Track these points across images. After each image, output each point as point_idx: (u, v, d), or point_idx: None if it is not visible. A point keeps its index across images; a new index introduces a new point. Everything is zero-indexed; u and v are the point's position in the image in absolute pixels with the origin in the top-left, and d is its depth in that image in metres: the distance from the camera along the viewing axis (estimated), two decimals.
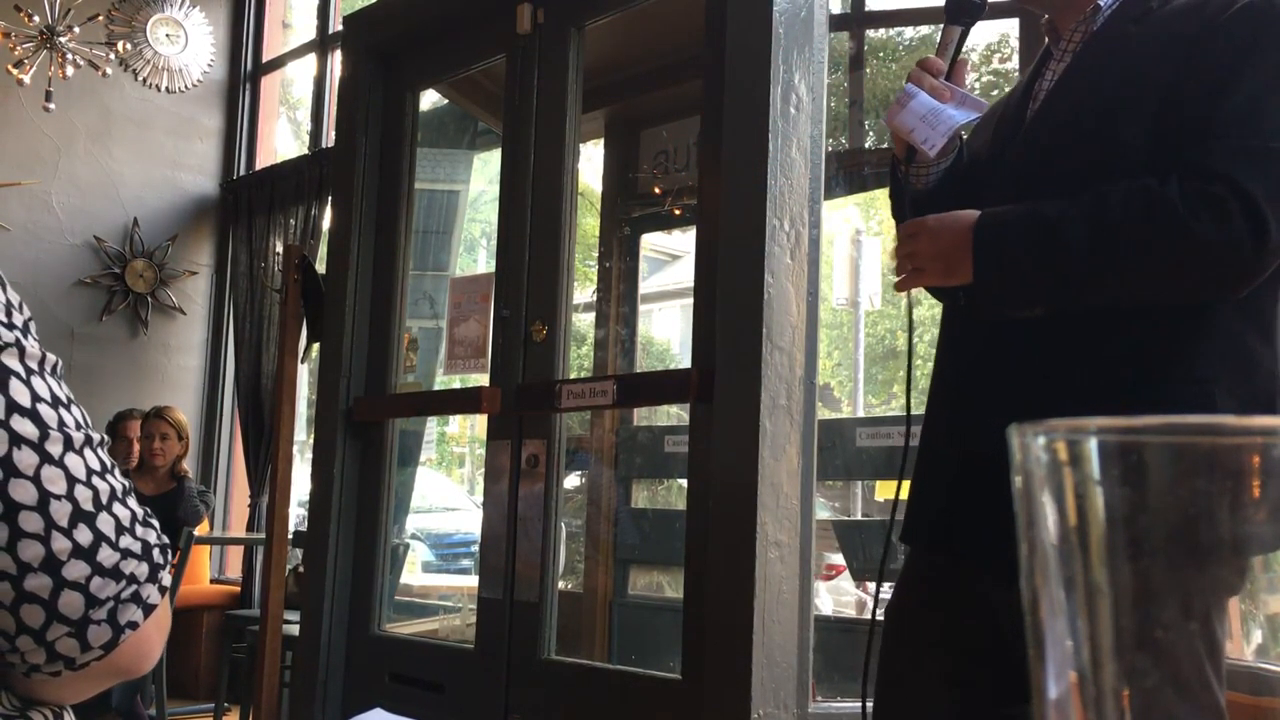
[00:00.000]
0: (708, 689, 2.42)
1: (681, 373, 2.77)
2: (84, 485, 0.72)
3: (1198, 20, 1.37)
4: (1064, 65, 1.52)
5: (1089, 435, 0.28)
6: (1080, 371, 1.39)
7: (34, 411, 0.71)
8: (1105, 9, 1.50)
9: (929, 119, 1.50)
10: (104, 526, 0.72)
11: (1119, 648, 0.28)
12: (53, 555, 0.70)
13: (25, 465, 0.69)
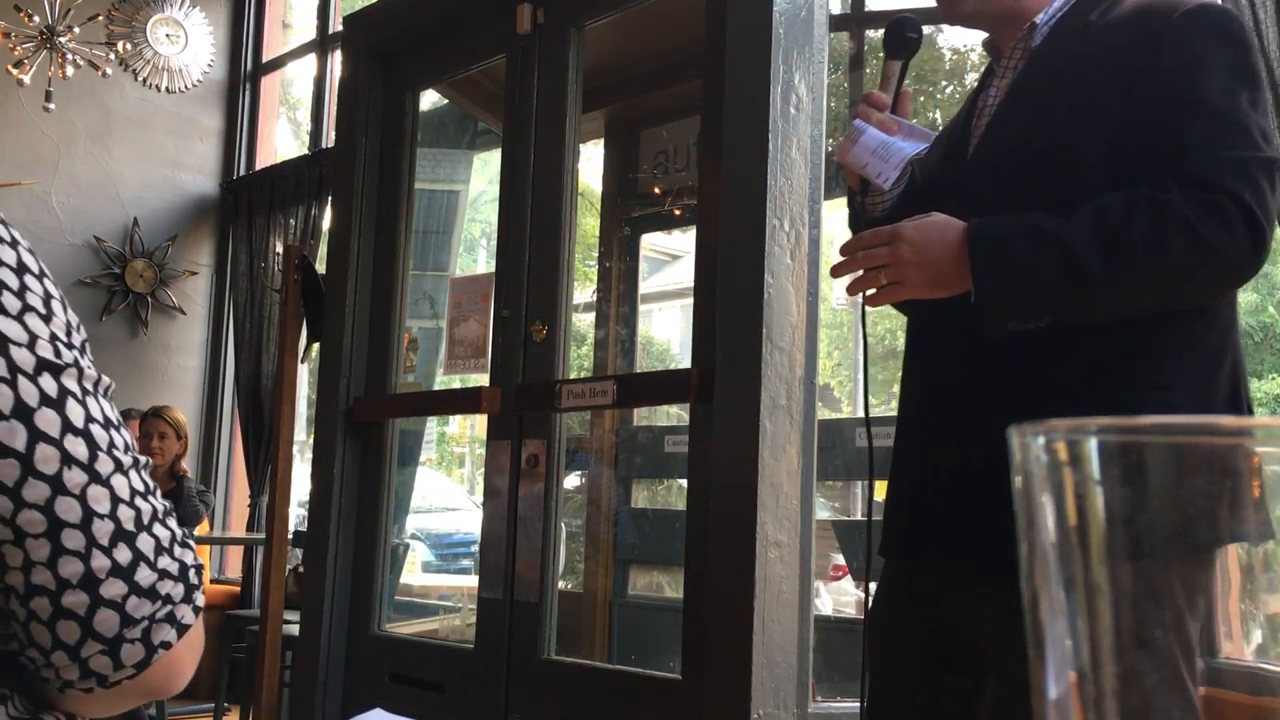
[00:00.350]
0: (708, 689, 2.42)
1: (681, 373, 2.77)
2: (127, 505, 0.73)
3: (1143, 31, 1.39)
4: (1007, 82, 1.54)
5: (1089, 435, 0.28)
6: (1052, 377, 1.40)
7: (87, 432, 0.72)
8: (1043, 25, 1.52)
9: (880, 153, 1.53)
10: (144, 546, 0.73)
11: (1119, 648, 0.28)
12: (91, 573, 0.71)
13: (73, 484, 0.71)
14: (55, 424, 0.71)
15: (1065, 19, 1.50)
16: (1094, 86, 1.40)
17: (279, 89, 6.31)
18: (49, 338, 0.73)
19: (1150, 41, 1.37)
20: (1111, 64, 1.40)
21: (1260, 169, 1.31)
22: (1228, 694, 0.29)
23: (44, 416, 0.71)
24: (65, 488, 0.70)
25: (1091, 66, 1.42)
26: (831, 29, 2.86)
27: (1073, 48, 1.46)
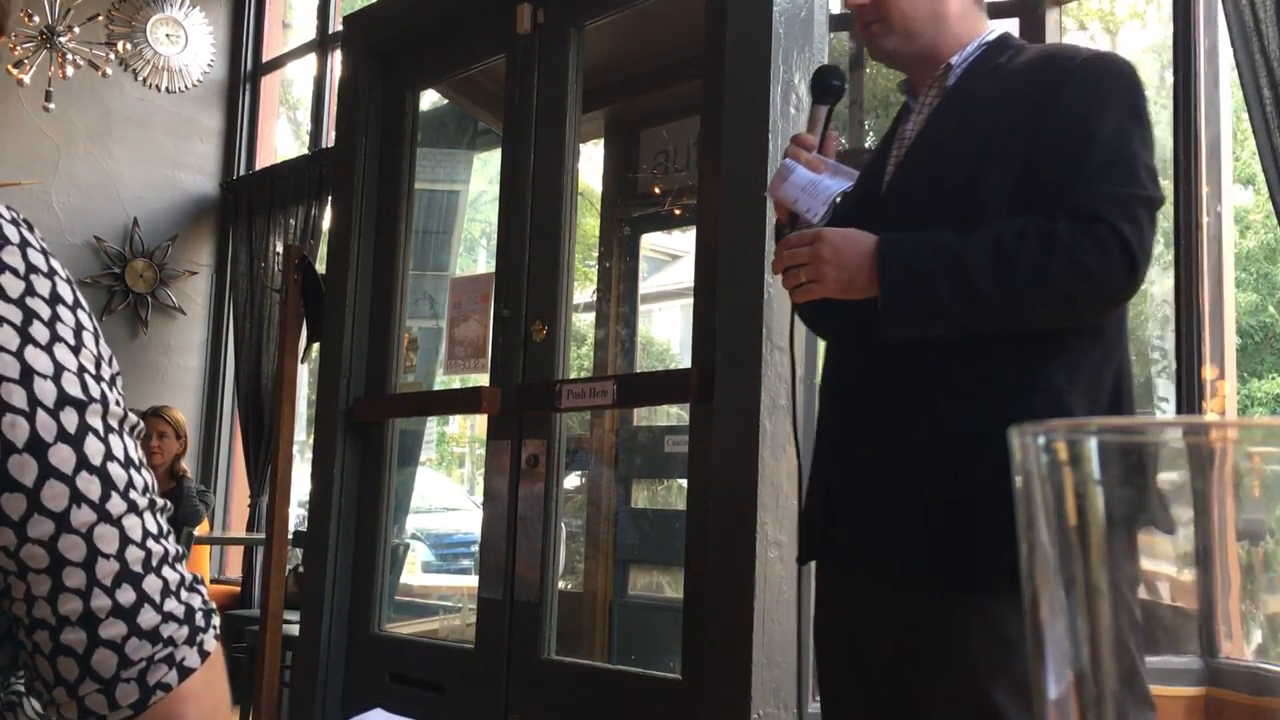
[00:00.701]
0: (708, 689, 2.42)
1: (681, 373, 2.77)
2: (137, 546, 0.72)
3: (1049, 74, 1.54)
4: (922, 119, 1.67)
5: (1089, 435, 0.28)
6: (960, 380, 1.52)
7: (103, 470, 0.71)
8: (957, 66, 1.66)
9: (809, 190, 1.65)
10: (150, 589, 0.72)
11: (1119, 648, 0.28)
12: (90, 612, 0.70)
13: (80, 522, 0.70)
14: (69, 461, 0.70)
15: (977, 61, 1.65)
16: (1001, 126, 1.54)
17: (279, 89, 6.31)
18: (76, 370, 0.72)
19: (1053, 84, 1.52)
20: (1018, 105, 1.54)
21: (1141, 205, 1.45)
22: (1228, 694, 0.29)
23: (59, 453, 0.69)
24: (70, 525, 0.69)
25: (999, 108, 1.56)
26: (831, 29, 2.86)
27: (983, 89, 1.60)
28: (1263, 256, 8.87)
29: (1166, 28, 2.71)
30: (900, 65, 1.74)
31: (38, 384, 0.69)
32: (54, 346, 0.71)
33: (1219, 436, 0.28)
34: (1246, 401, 8.03)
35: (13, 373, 0.68)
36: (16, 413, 0.68)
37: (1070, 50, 1.63)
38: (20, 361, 0.69)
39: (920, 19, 1.66)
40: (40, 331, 0.70)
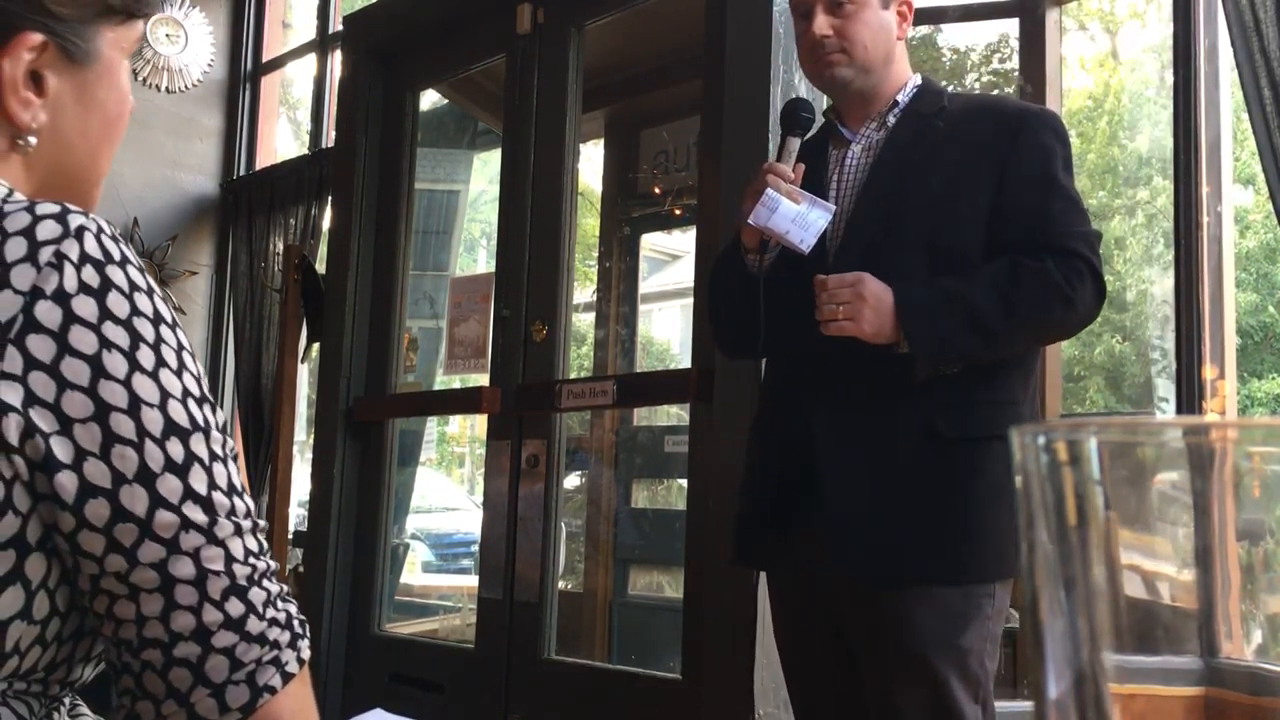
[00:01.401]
0: (708, 689, 2.42)
1: (681, 373, 2.77)
2: (241, 564, 0.74)
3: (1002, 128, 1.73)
4: (870, 151, 1.80)
5: (1089, 435, 0.28)
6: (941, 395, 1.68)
7: (208, 499, 0.73)
8: (900, 105, 1.80)
9: (799, 222, 1.72)
10: (255, 599, 0.74)
11: (1119, 648, 0.28)
12: (203, 626, 0.72)
13: (189, 546, 0.71)
14: (177, 491, 0.71)
15: (916, 103, 1.80)
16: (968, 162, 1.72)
17: (279, 89, 6.31)
18: (180, 395, 0.72)
19: (1011, 137, 1.71)
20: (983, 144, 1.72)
21: (1095, 240, 1.69)
22: (1228, 694, 0.29)
23: (166, 483, 0.70)
24: (180, 548, 0.71)
25: (961, 146, 1.73)
26: None
27: (935, 129, 1.75)
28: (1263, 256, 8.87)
29: (1166, 28, 2.71)
30: (847, 97, 1.83)
31: (145, 413, 0.70)
32: (159, 372, 0.71)
33: (1219, 436, 0.28)
34: (1246, 401, 8.03)
35: (121, 402, 0.69)
36: (126, 444, 0.69)
37: (1014, 104, 1.91)
38: (129, 390, 0.69)
39: (877, 57, 1.79)
40: (146, 356, 0.71)
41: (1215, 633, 0.28)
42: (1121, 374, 7.61)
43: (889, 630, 1.64)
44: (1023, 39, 2.94)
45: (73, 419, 0.68)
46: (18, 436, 0.66)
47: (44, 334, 0.67)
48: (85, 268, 0.69)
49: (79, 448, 0.68)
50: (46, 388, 0.67)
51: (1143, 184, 7.86)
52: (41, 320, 0.67)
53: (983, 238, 1.69)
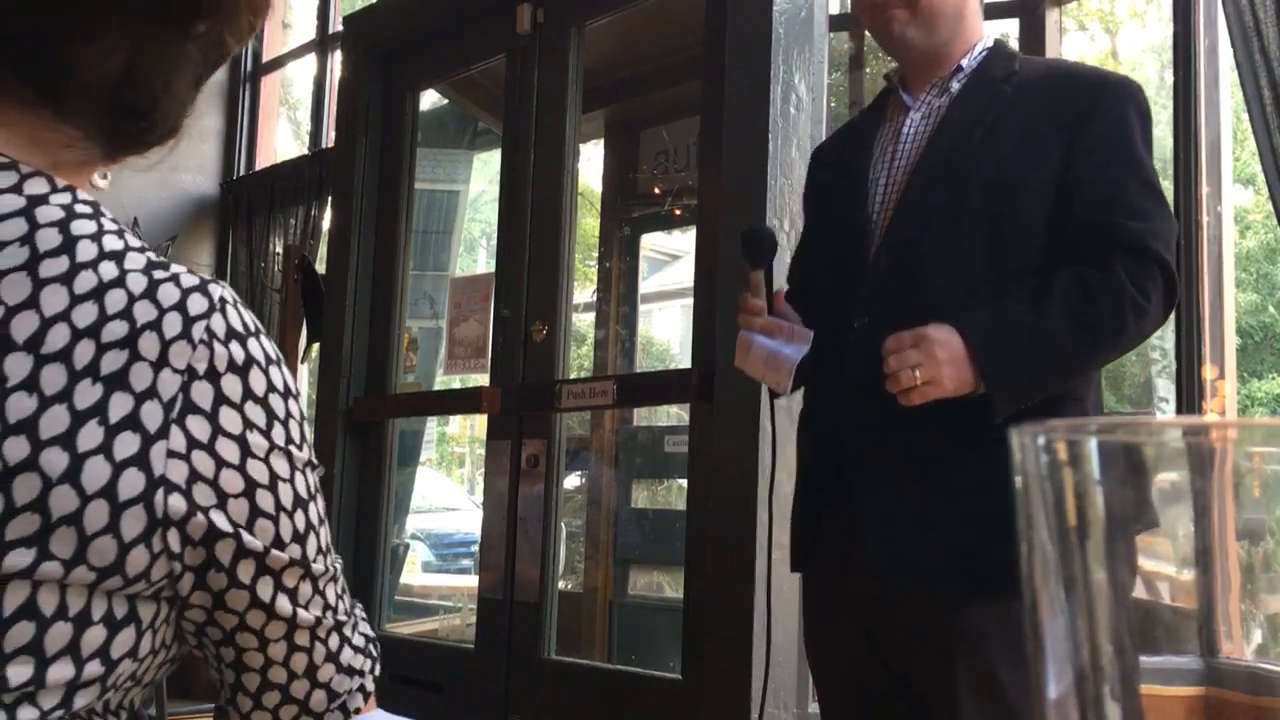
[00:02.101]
0: (708, 689, 2.42)
1: (681, 373, 2.77)
2: (334, 610, 0.81)
3: (1077, 95, 1.57)
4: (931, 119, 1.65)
5: (1089, 435, 0.28)
6: None
7: (318, 560, 0.78)
8: (966, 70, 1.65)
9: (771, 363, 1.65)
10: (347, 632, 0.81)
11: (1119, 648, 0.28)
12: (313, 664, 0.79)
13: (304, 598, 0.77)
14: (299, 553, 0.76)
15: (986, 65, 1.65)
16: (1040, 133, 1.56)
17: (279, 89, 6.31)
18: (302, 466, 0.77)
19: (1086, 106, 1.56)
20: (1052, 115, 1.56)
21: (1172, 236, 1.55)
22: (1228, 694, 0.29)
23: (293, 550, 0.76)
24: (299, 601, 0.77)
25: (1030, 115, 1.58)
26: (831, 29, 2.86)
27: (1004, 96, 1.60)
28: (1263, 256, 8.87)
29: (1166, 28, 2.71)
30: (912, 58, 1.69)
31: (280, 488, 0.74)
32: (289, 447, 0.75)
33: (1219, 436, 0.28)
34: (1246, 401, 8.03)
35: (264, 479, 0.73)
36: (267, 517, 0.73)
37: (1091, 69, 1.67)
38: (268, 467, 0.74)
39: (946, 13, 1.64)
40: (279, 433, 0.75)
41: (1215, 633, 0.28)
42: (1121, 374, 7.62)
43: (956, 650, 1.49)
44: (1023, 39, 2.94)
45: (228, 494, 0.71)
46: (181, 514, 0.69)
47: (200, 415, 0.70)
48: (232, 343, 0.72)
49: (232, 520, 0.72)
50: (206, 466, 0.70)
51: None
52: (197, 401, 0.70)
53: (1047, 214, 1.53)
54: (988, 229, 1.54)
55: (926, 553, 1.52)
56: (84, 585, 0.67)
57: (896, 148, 1.66)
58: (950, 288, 1.55)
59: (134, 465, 0.67)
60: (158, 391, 0.68)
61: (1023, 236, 1.54)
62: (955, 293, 1.55)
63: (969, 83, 1.64)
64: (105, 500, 0.66)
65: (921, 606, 1.54)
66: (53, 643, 0.67)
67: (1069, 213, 1.52)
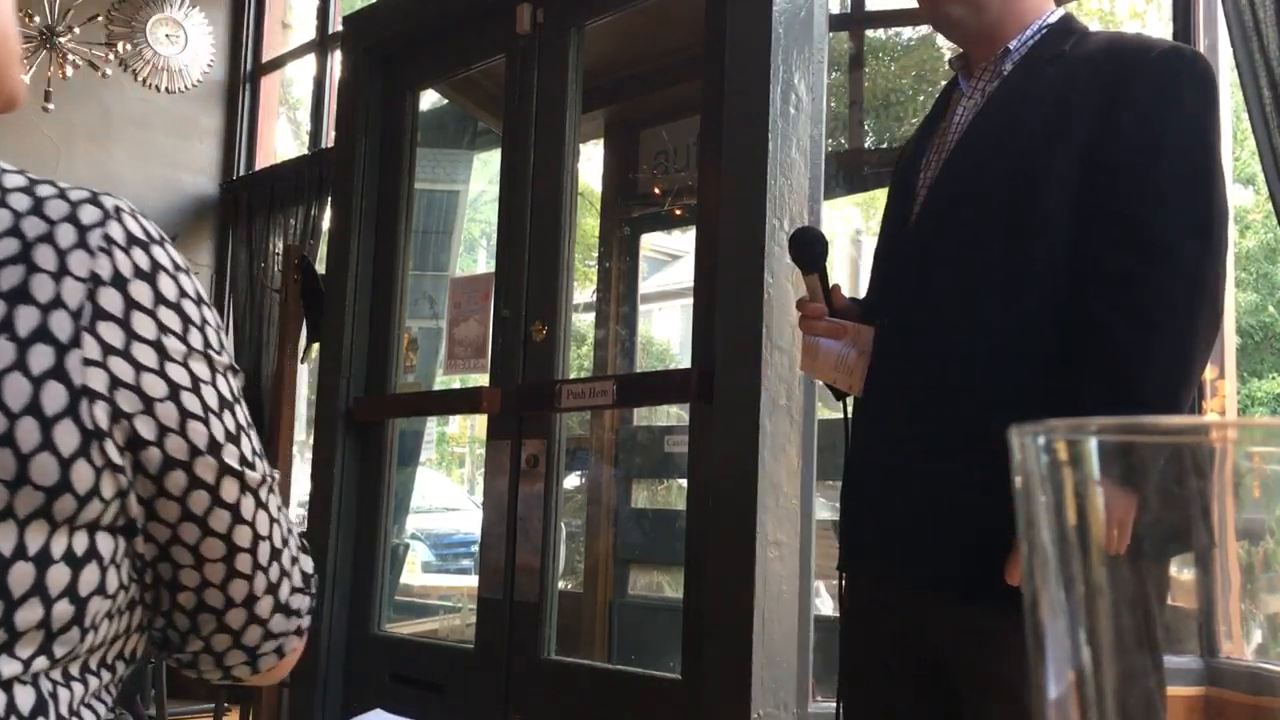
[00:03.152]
0: (708, 689, 2.42)
1: (681, 373, 2.77)
2: (277, 524, 0.79)
3: (1117, 65, 1.43)
4: (974, 107, 1.57)
5: (1089, 435, 0.28)
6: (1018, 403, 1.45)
7: (254, 463, 0.78)
8: (1015, 51, 1.56)
9: (841, 367, 1.61)
10: (286, 562, 0.80)
11: (1119, 648, 0.28)
12: (252, 593, 0.78)
13: (247, 511, 0.76)
14: (235, 457, 0.76)
15: (1038, 47, 1.54)
16: (1066, 113, 1.44)
17: (279, 89, 6.31)
18: (223, 369, 0.77)
19: (1125, 76, 1.42)
20: (1087, 93, 1.44)
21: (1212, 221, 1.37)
22: (1228, 694, 0.29)
23: (229, 453, 0.75)
24: (241, 515, 0.76)
25: (1065, 95, 1.46)
26: (831, 29, 2.86)
27: (1046, 78, 1.49)
28: (1263, 256, 8.87)
29: (1166, 28, 2.71)
30: (960, 37, 1.62)
31: (205, 390, 0.74)
32: (207, 351, 0.75)
33: (1219, 436, 0.28)
34: (1246, 401, 8.03)
35: (186, 382, 0.73)
36: (196, 419, 0.73)
37: (1143, 41, 1.51)
38: (189, 371, 0.74)
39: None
40: (195, 338, 0.74)
41: (1215, 633, 0.28)
42: None
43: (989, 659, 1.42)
44: None
45: (153, 398, 0.71)
46: (107, 421, 0.69)
47: (111, 321, 0.70)
48: (134, 250, 0.72)
49: (160, 425, 0.72)
50: (125, 371, 0.70)
51: None
52: (106, 307, 0.69)
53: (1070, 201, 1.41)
54: (1008, 220, 1.45)
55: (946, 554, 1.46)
56: (40, 517, 0.67)
57: (945, 138, 1.60)
58: (962, 285, 1.48)
59: (53, 378, 0.67)
60: (63, 301, 0.68)
61: (1044, 228, 1.42)
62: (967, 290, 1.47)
63: (1019, 64, 1.54)
64: (33, 417, 0.66)
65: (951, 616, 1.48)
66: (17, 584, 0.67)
67: (1090, 203, 1.40)
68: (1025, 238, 1.43)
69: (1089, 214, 1.40)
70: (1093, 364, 1.36)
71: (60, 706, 0.71)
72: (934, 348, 1.49)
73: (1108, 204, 1.39)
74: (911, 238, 1.56)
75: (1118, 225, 1.38)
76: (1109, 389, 1.34)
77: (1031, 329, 1.43)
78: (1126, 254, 1.36)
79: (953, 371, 1.47)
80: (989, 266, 1.46)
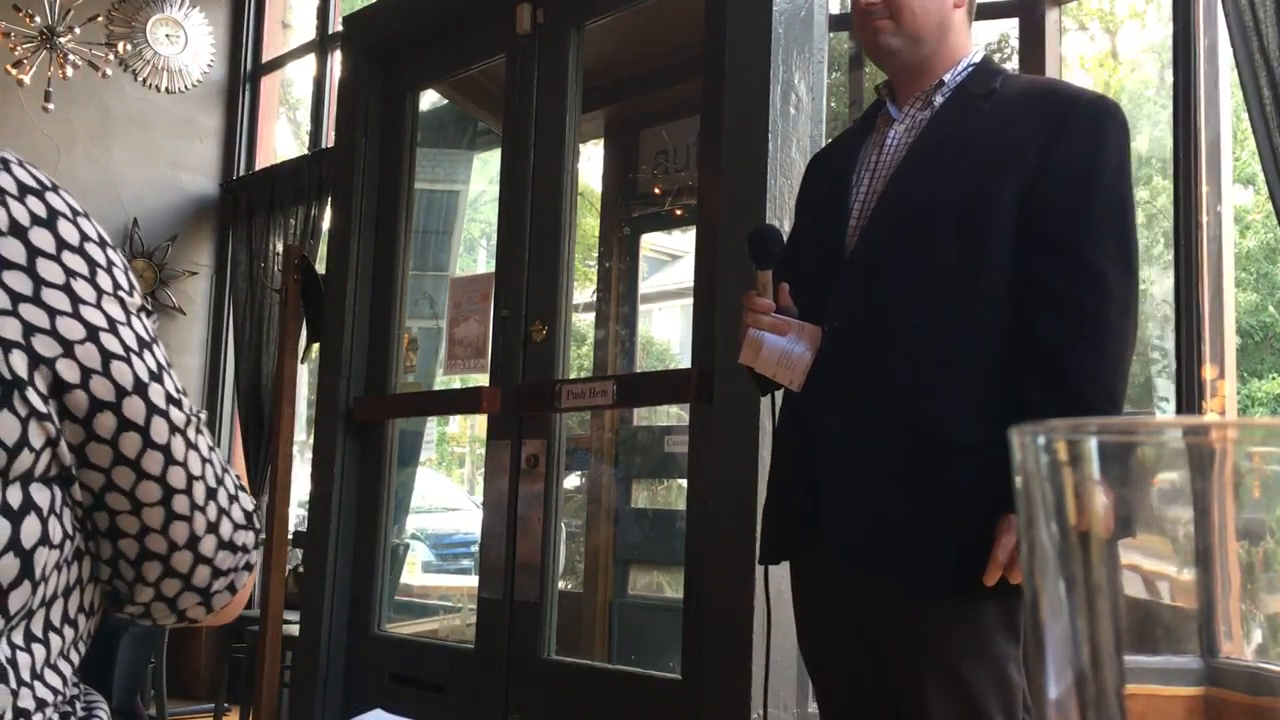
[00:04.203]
0: (708, 689, 2.42)
1: (681, 373, 2.77)
2: (209, 464, 0.79)
3: (1052, 109, 1.62)
4: (911, 132, 1.71)
5: (1089, 435, 0.28)
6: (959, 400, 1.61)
7: (179, 401, 0.77)
8: (947, 84, 1.71)
9: (785, 362, 1.69)
10: (223, 501, 0.79)
11: (1119, 648, 0.28)
12: (193, 534, 0.77)
13: (178, 452, 0.76)
14: (162, 396, 0.75)
15: (967, 83, 1.70)
16: (1008, 146, 1.61)
17: (279, 89, 6.31)
18: (136, 311, 0.76)
19: (1062, 117, 1.60)
20: (1027, 131, 1.61)
21: (1130, 252, 1.58)
22: (1228, 694, 0.29)
23: (155, 391, 0.75)
24: (174, 457, 0.75)
25: (1005, 131, 1.63)
26: (831, 29, 2.86)
27: (984, 113, 1.66)
28: (1263, 256, 8.87)
29: (1166, 28, 2.71)
30: (895, 68, 1.76)
31: (122, 331, 0.74)
32: (118, 293, 0.75)
33: (1219, 436, 0.28)
34: (1246, 401, 8.03)
35: (102, 323, 0.73)
36: (118, 359, 0.72)
37: (1070, 86, 1.74)
38: (103, 312, 0.73)
39: (929, 24, 1.70)
40: (105, 280, 0.74)
41: (1215, 633, 0.28)
42: None
43: (922, 643, 1.58)
44: (1023, 39, 2.94)
45: (71, 341, 0.70)
46: (26, 369, 0.68)
47: (15, 269, 0.69)
48: (29, 198, 0.71)
49: (83, 367, 0.71)
50: (39, 317, 0.69)
51: (1142, 184, 7.85)
52: (8, 256, 0.69)
53: (1014, 226, 1.59)
54: (957, 237, 1.59)
55: (889, 550, 1.59)
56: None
57: (879, 157, 1.73)
58: (917, 293, 1.61)
59: None
60: None
61: (990, 246, 1.58)
62: (920, 304, 1.61)
63: (950, 97, 1.70)
64: None
65: (888, 601, 1.61)
66: None
67: (1031, 229, 1.57)
68: (973, 255, 1.58)
69: (1030, 237, 1.57)
70: (1043, 378, 1.54)
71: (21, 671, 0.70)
72: (889, 355, 1.62)
73: (1048, 229, 1.57)
74: (858, 251, 1.67)
75: (1058, 250, 1.56)
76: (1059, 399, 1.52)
77: (981, 339, 1.59)
78: (1067, 279, 1.55)
79: (907, 376, 1.60)
80: (941, 280, 1.60)
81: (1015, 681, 1.56)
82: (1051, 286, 1.55)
